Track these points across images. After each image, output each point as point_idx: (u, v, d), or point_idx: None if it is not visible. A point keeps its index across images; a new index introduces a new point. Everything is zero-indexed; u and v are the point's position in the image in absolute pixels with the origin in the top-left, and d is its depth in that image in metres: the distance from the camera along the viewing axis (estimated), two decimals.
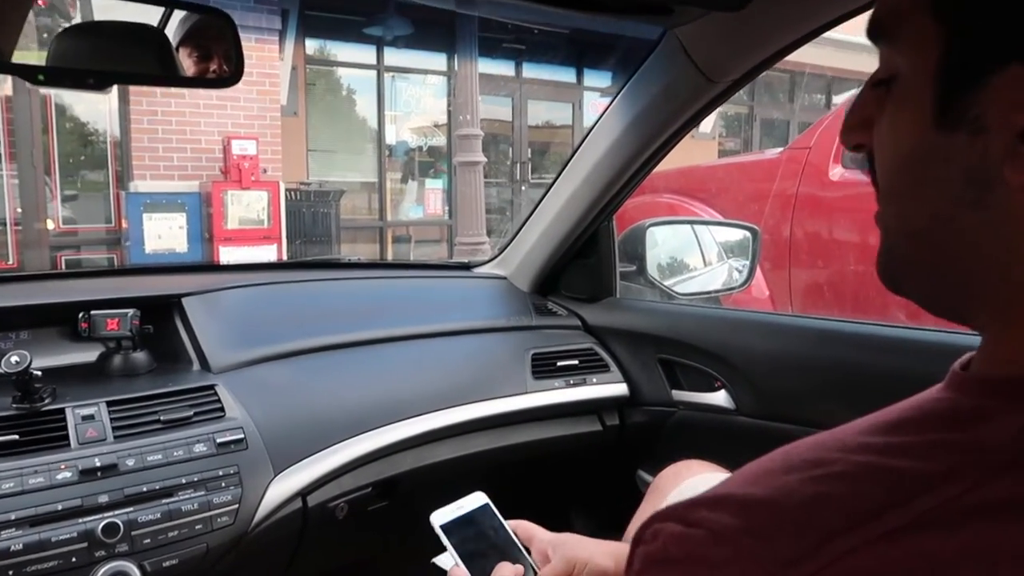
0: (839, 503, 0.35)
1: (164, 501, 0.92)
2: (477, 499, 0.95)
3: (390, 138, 9.17)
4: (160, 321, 1.18)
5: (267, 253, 6.73)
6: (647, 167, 1.35)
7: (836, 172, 2.68)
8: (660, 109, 1.25)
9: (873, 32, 0.42)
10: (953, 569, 0.32)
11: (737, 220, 1.81)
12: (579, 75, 10.42)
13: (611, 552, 0.87)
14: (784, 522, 0.36)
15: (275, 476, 1.01)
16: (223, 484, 0.96)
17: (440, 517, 0.92)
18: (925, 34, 0.38)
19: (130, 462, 0.92)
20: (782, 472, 0.39)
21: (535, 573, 0.89)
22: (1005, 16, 0.35)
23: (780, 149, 3.19)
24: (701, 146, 10.18)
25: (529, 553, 0.91)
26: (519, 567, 0.86)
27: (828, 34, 1.05)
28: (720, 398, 1.31)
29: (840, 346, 1.15)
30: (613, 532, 1.03)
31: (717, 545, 0.36)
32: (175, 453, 0.95)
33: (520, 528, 0.93)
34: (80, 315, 1.08)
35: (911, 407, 0.41)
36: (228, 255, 6.56)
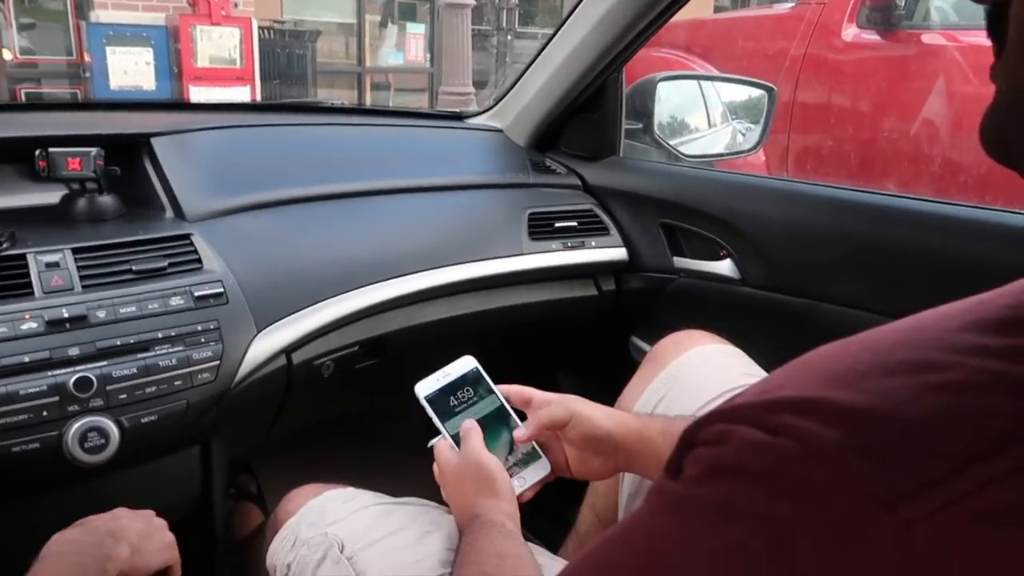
0: (972, 420, 0.29)
1: (140, 356, 0.86)
2: (465, 364, 0.91)
3: None
4: (128, 163, 1.07)
5: (240, 95, 6.41)
6: (668, 12, 1.22)
7: (850, 32, 2.52)
8: None
9: None
10: None
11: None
12: None
13: (613, 415, 0.85)
14: (904, 440, 0.29)
15: (258, 333, 0.95)
16: (202, 340, 0.90)
17: (425, 388, 0.88)
18: None
19: (101, 314, 0.85)
20: (881, 374, 0.31)
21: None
22: None
23: (791, 4, 2.98)
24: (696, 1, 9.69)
25: (523, 418, 0.88)
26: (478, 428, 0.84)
27: None
28: (724, 267, 1.25)
29: (861, 218, 1.09)
30: (603, 396, 1.00)
31: (813, 461, 0.29)
32: (150, 306, 0.89)
33: (513, 392, 0.90)
34: (37, 152, 0.97)
35: (1016, 302, 0.34)
36: (199, 95, 6.25)
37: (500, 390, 0.90)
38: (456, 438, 0.85)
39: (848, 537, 0.28)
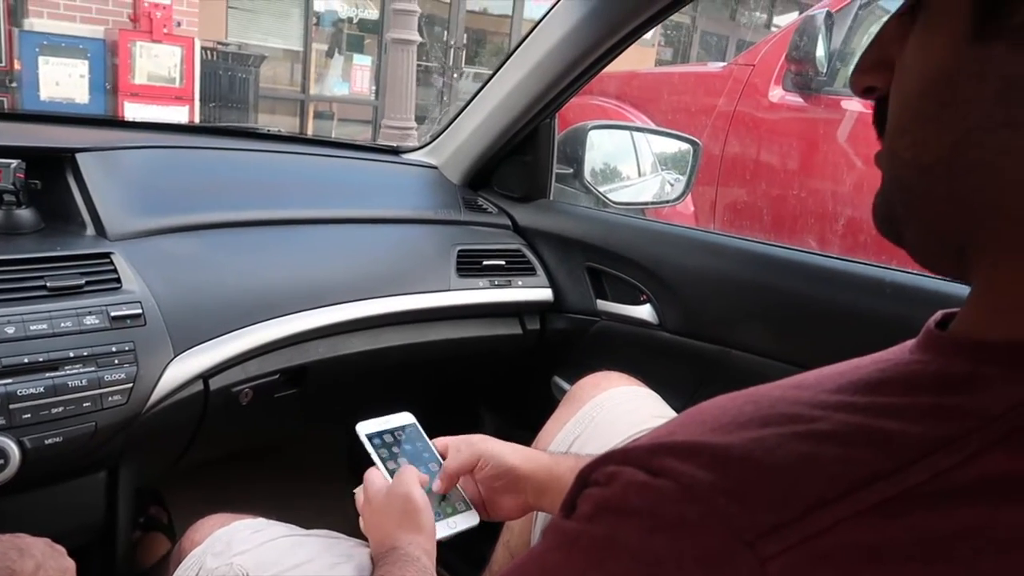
0: (826, 467, 0.32)
1: (48, 375, 0.84)
2: (404, 418, 0.95)
3: (318, 5, 8.61)
4: (50, 177, 1.05)
5: (178, 114, 6.29)
6: (599, 64, 1.27)
7: (776, 93, 2.66)
8: (619, 4, 1.16)
9: None
10: (946, 548, 0.30)
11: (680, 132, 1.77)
12: None
13: (521, 451, 0.87)
14: (766, 483, 0.32)
15: (175, 356, 0.94)
16: (116, 361, 0.88)
17: (365, 428, 0.91)
18: None
19: (9, 330, 0.83)
20: (758, 424, 0.35)
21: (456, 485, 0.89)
22: None
23: (723, 64, 3.13)
24: (638, 52, 10.02)
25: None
26: (424, 474, 0.86)
27: None
28: (644, 311, 1.30)
29: (772, 271, 1.14)
30: (524, 433, 1.02)
31: (687, 502, 0.32)
32: (63, 324, 0.87)
33: (439, 443, 0.93)
34: None
35: (886, 366, 0.38)
36: (134, 112, 6.10)
37: (434, 444, 0.93)
38: (392, 473, 0.87)
39: (714, 570, 0.31)
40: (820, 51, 2.39)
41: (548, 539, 0.37)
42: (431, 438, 0.94)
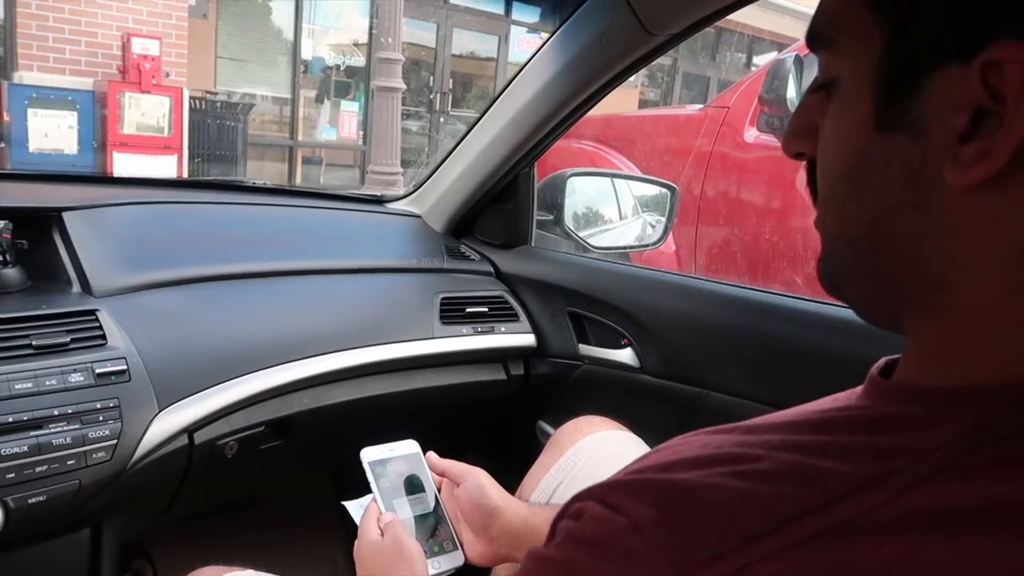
0: (761, 503, 0.34)
1: (33, 433, 0.84)
2: (408, 446, 0.95)
3: (306, 53, 8.75)
4: (37, 236, 1.07)
5: (166, 163, 6.35)
6: (575, 115, 1.31)
7: (751, 134, 2.72)
8: (594, 57, 1.20)
9: (812, 40, 0.42)
10: None
11: (656, 176, 1.81)
12: (508, 7, 10.19)
13: (504, 496, 0.89)
14: (703, 519, 0.35)
15: (160, 411, 0.95)
16: (101, 418, 0.89)
17: (369, 455, 0.91)
18: (864, 35, 0.37)
19: None
20: (706, 463, 0.38)
21: (448, 520, 0.89)
22: (941, 14, 0.35)
23: (699, 106, 3.20)
24: (622, 94, 10.19)
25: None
26: (388, 514, 0.86)
27: None
28: (626, 355, 1.32)
29: (751, 314, 1.17)
30: (509, 478, 1.03)
31: (634, 535, 0.35)
32: (47, 382, 0.88)
33: (440, 463, 0.94)
34: None
35: (834, 408, 0.41)
36: (123, 162, 6.15)
37: (434, 478, 0.94)
38: (388, 505, 0.88)
39: None
40: (791, 93, 2.46)
41: (525, 563, 0.41)
42: None
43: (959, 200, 0.35)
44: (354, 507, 0.91)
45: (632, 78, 1.30)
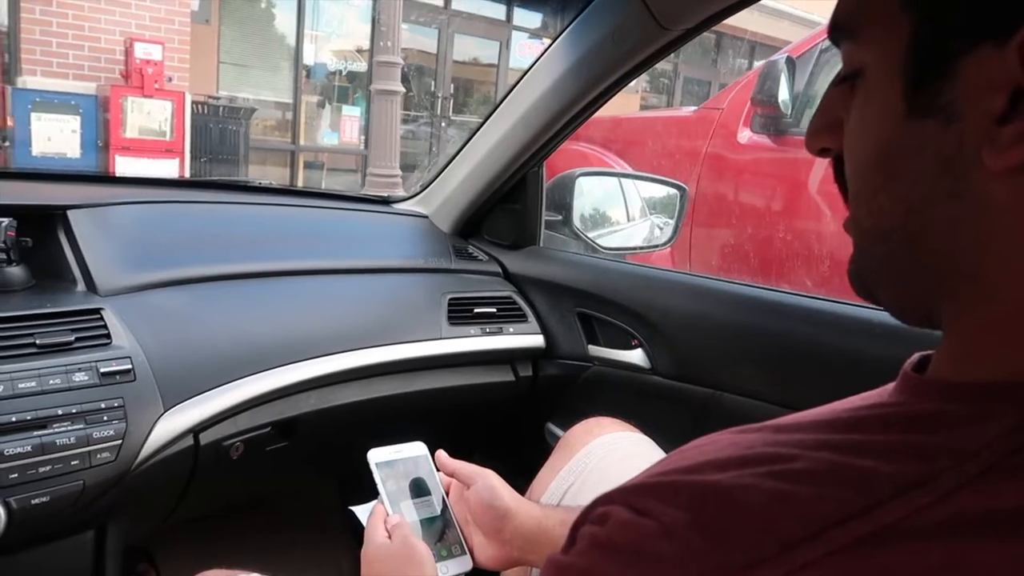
0: (802, 505, 0.33)
1: (36, 433, 0.83)
2: (416, 448, 0.93)
3: (308, 58, 8.76)
4: (42, 234, 1.06)
5: (168, 167, 6.34)
6: (586, 113, 1.30)
7: (744, 135, 2.72)
8: (606, 53, 1.19)
9: (835, 32, 0.41)
10: None
11: (665, 176, 1.80)
12: (509, 12, 10.19)
13: (516, 497, 0.87)
14: (740, 522, 0.33)
15: (165, 411, 0.93)
16: (105, 418, 0.88)
17: (376, 456, 0.89)
18: (891, 21, 0.36)
19: None
20: (737, 465, 0.36)
21: (455, 524, 0.87)
22: None
23: (694, 108, 3.20)
24: (624, 98, 10.19)
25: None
26: (395, 516, 0.84)
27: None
28: (636, 356, 1.30)
29: (764, 314, 1.15)
30: (518, 481, 1.01)
31: (665, 539, 0.34)
32: (51, 381, 0.86)
33: (450, 464, 0.91)
34: None
35: (864, 407, 0.39)
36: (125, 165, 6.15)
37: (441, 479, 0.92)
38: (393, 506, 0.86)
39: None
40: (783, 95, 2.46)
41: (545, 570, 0.39)
42: None
43: (997, 184, 0.34)
44: (362, 512, 0.89)
45: (633, 83, 1.28)
